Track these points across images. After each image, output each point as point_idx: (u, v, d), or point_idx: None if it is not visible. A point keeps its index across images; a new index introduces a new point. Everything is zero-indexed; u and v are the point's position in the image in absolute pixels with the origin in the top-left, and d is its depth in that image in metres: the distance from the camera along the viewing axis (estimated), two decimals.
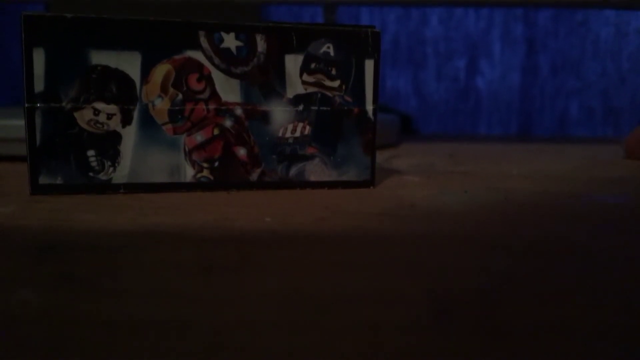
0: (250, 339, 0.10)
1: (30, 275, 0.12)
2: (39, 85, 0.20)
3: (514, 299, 0.11)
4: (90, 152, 0.20)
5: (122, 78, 0.20)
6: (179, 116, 0.21)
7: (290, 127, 0.22)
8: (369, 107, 0.22)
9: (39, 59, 0.19)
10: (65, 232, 0.16)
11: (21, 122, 0.27)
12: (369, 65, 0.22)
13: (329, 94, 0.22)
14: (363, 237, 0.16)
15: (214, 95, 0.21)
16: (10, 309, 0.11)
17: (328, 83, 0.22)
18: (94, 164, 0.20)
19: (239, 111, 0.21)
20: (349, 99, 0.22)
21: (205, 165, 0.21)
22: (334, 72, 0.22)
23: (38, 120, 0.20)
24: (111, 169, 0.20)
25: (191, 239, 0.15)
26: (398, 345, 0.09)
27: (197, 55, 0.21)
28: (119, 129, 0.20)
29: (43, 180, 0.20)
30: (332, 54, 0.22)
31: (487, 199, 0.21)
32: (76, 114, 0.20)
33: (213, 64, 0.21)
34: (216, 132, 0.21)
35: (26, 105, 0.20)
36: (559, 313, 0.11)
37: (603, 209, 0.20)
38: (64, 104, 0.20)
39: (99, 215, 0.18)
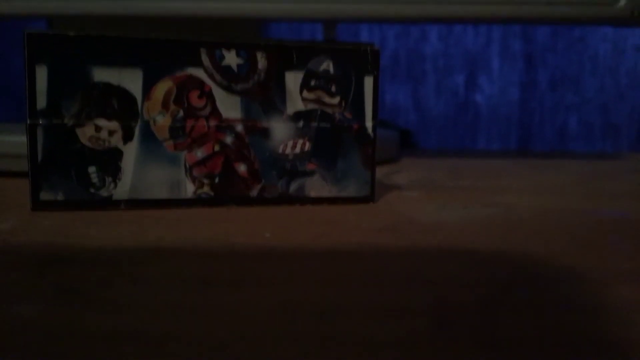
0: (249, 352, 0.10)
1: (31, 289, 0.12)
2: (41, 102, 0.20)
3: (512, 312, 0.11)
4: (92, 169, 0.20)
5: (124, 95, 0.20)
6: (180, 132, 0.21)
7: (290, 143, 0.22)
8: (369, 124, 0.23)
9: (41, 76, 0.20)
10: (66, 247, 0.16)
11: (22, 138, 0.27)
12: (369, 82, 0.22)
13: (328, 110, 0.22)
14: (362, 252, 0.16)
15: (215, 111, 0.21)
16: (11, 322, 0.11)
17: (328, 100, 0.22)
18: (95, 180, 0.20)
19: (239, 127, 0.21)
20: (348, 115, 0.22)
21: (205, 181, 0.21)
22: (333, 89, 0.22)
23: (40, 137, 0.20)
24: (112, 185, 0.21)
25: (191, 254, 0.15)
26: (397, 357, 0.09)
27: (199, 73, 0.21)
28: (120, 145, 0.21)
29: (44, 196, 0.20)
30: (331, 71, 0.22)
31: (487, 214, 0.21)
32: (78, 131, 0.20)
33: (214, 80, 0.21)
34: (217, 148, 0.21)
35: (28, 121, 0.20)
36: (556, 325, 0.11)
37: (601, 223, 0.20)
38: (65, 120, 0.20)
39: (99, 230, 0.18)
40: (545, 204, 0.24)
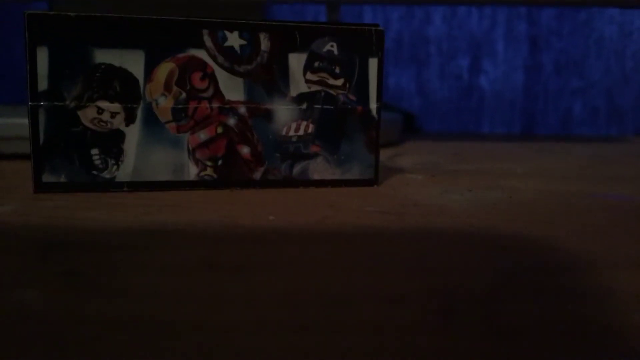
0: (254, 337, 0.10)
1: (33, 273, 0.12)
2: (42, 84, 0.20)
3: (518, 298, 0.11)
4: (94, 151, 0.20)
5: (126, 77, 0.20)
6: (183, 114, 0.21)
7: (293, 125, 0.22)
8: (373, 106, 0.22)
9: (42, 57, 0.19)
10: (69, 230, 0.16)
11: (24, 121, 0.27)
12: (373, 63, 0.22)
13: (332, 92, 0.22)
14: (366, 236, 0.16)
15: (218, 93, 0.21)
16: (13, 307, 0.11)
17: (332, 82, 0.22)
18: (97, 162, 0.20)
19: (242, 110, 0.21)
20: (352, 97, 0.22)
21: (208, 163, 0.21)
22: (337, 70, 0.22)
23: (42, 119, 0.20)
24: (115, 167, 0.20)
25: (195, 237, 0.15)
26: (402, 345, 0.09)
27: (201, 54, 0.21)
28: (122, 127, 0.20)
29: (47, 178, 0.20)
30: (335, 52, 0.22)
31: (491, 198, 0.21)
32: (80, 113, 0.20)
33: (217, 62, 0.21)
34: (220, 130, 0.21)
35: (30, 103, 0.20)
36: (563, 312, 0.11)
37: (608, 207, 0.20)
38: (67, 102, 0.20)
39: (102, 213, 0.18)
40: (550, 187, 0.24)
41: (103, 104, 0.20)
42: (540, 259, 0.14)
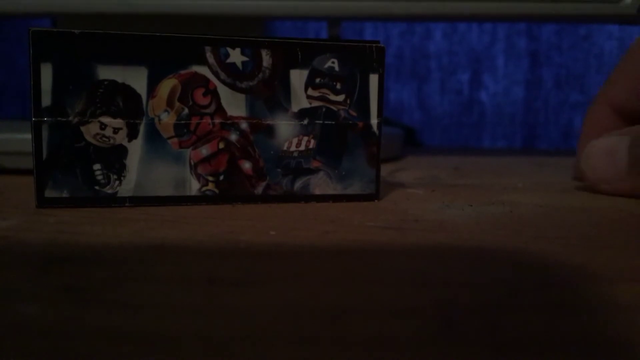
0: (256, 352, 0.10)
1: (35, 288, 0.12)
2: (46, 100, 0.20)
3: (519, 313, 0.11)
4: (97, 166, 0.20)
5: (129, 93, 0.20)
6: (185, 130, 0.21)
7: (295, 140, 0.22)
8: (374, 121, 0.22)
9: (46, 73, 0.20)
10: (71, 245, 0.16)
11: (26, 136, 0.27)
12: (374, 79, 0.22)
13: (333, 108, 0.22)
14: (368, 251, 0.16)
15: (220, 109, 0.21)
16: (14, 321, 0.11)
17: (333, 97, 0.22)
18: (99, 177, 0.20)
19: (244, 125, 0.21)
20: (353, 113, 0.22)
21: (210, 178, 0.21)
22: (338, 86, 0.22)
23: (45, 134, 0.20)
24: (117, 182, 0.21)
25: (196, 252, 0.15)
26: (405, 358, 0.09)
27: (203, 70, 0.21)
28: (125, 142, 0.21)
29: (49, 193, 0.20)
30: (336, 68, 0.22)
31: (492, 213, 0.21)
32: (83, 128, 0.20)
33: (219, 78, 0.21)
34: (221, 145, 0.21)
35: (33, 119, 0.20)
36: (563, 327, 0.11)
37: (611, 222, 0.20)
38: (70, 118, 0.20)
39: (104, 228, 0.18)
40: (552, 202, 0.24)
41: (106, 120, 0.20)
42: (542, 273, 0.14)
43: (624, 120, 0.28)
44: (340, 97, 0.22)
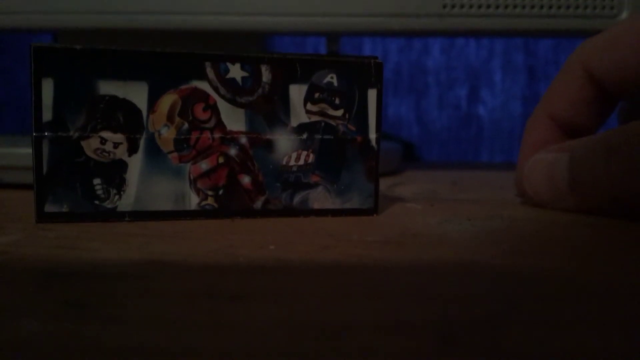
0: None
1: (34, 303, 0.12)
2: (47, 115, 0.20)
3: (518, 328, 0.11)
4: (97, 181, 0.20)
5: (129, 108, 0.21)
6: (185, 145, 0.21)
7: (294, 155, 0.22)
8: (372, 136, 0.23)
9: (47, 89, 0.20)
10: (70, 260, 0.16)
11: (26, 151, 0.27)
12: (372, 94, 0.23)
13: (332, 122, 0.22)
14: (367, 266, 0.16)
15: (219, 124, 0.21)
16: (13, 336, 0.11)
17: (331, 112, 0.22)
18: (99, 192, 0.21)
19: (243, 140, 0.21)
20: (352, 127, 0.22)
21: (209, 193, 0.21)
22: (337, 101, 0.22)
23: (45, 149, 0.20)
24: (117, 197, 0.21)
25: (195, 267, 0.15)
26: None
27: (203, 86, 0.21)
28: (125, 157, 0.21)
29: (49, 208, 0.20)
30: (335, 83, 0.22)
31: (491, 227, 0.21)
32: (83, 143, 0.20)
33: (219, 93, 0.21)
34: (221, 160, 0.21)
35: (34, 134, 0.20)
36: (564, 342, 0.11)
37: (610, 238, 0.20)
38: (71, 132, 0.20)
39: (103, 243, 0.18)
40: (550, 217, 0.24)
41: (106, 135, 0.20)
42: (540, 288, 0.14)
43: (564, 133, 0.27)
44: (339, 112, 0.22)
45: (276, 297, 0.13)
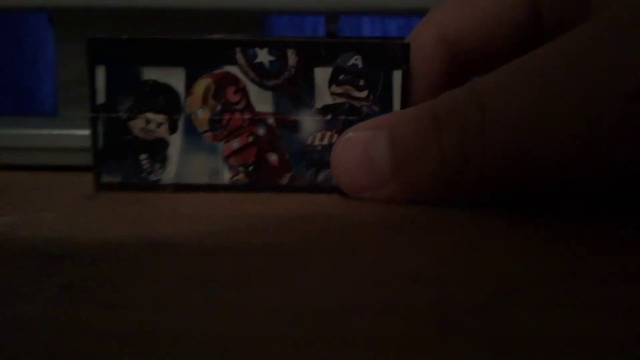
0: (254, 351, 0.10)
1: (31, 285, 0.13)
2: (100, 98, 0.23)
3: (518, 311, 0.12)
4: (143, 156, 0.23)
5: (169, 91, 0.23)
6: (218, 125, 0.23)
7: (318, 135, 0.23)
8: None
9: (100, 75, 0.23)
10: (69, 243, 0.16)
11: (24, 131, 0.29)
12: (397, 75, 0.23)
13: (356, 104, 0.23)
14: (366, 248, 0.16)
15: (249, 106, 0.23)
16: (10, 319, 0.11)
17: (356, 94, 0.23)
18: (146, 166, 0.23)
19: (271, 120, 0.23)
20: (376, 108, 0.23)
21: (240, 169, 0.23)
22: (361, 83, 0.23)
23: (100, 128, 0.23)
24: (160, 170, 0.23)
25: (195, 249, 0.16)
26: (403, 357, 0.10)
27: (234, 70, 0.23)
28: (166, 136, 0.23)
29: (105, 179, 0.23)
30: (360, 65, 0.23)
31: (492, 211, 0.21)
32: (131, 123, 0.23)
33: (248, 77, 0.23)
34: (250, 139, 0.23)
35: (90, 114, 0.23)
36: (564, 325, 0.11)
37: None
38: (121, 114, 0.23)
39: (103, 226, 0.18)
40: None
41: (150, 115, 0.23)
42: (540, 270, 0.14)
43: (450, 59, 0.23)
44: (363, 94, 0.23)
45: (274, 280, 0.13)
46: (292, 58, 0.23)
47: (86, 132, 0.23)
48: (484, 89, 0.19)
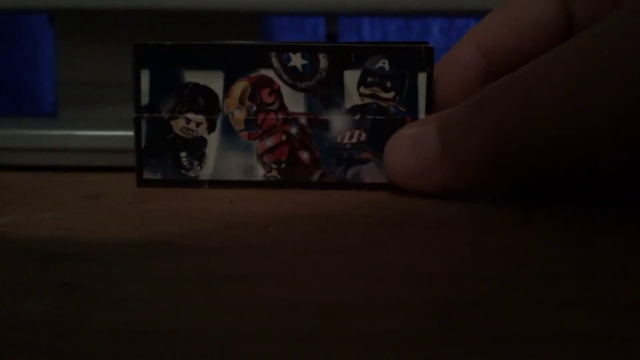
0: (253, 348, 0.10)
1: (31, 284, 0.13)
2: (144, 100, 0.24)
3: (517, 308, 0.12)
4: (183, 154, 0.25)
5: (208, 93, 0.24)
6: (253, 124, 0.24)
7: (347, 134, 0.25)
8: (421, 116, 0.24)
9: (145, 78, 0.24)
10: (68, 242, 0.16)
11: (22, 132, 0.28)
12: (422, 78, 0.24)
13: (383, 104, 0.24)
14: (367, 247, 0.17)
15: (282, 106, 0.24)
16: (10, 318, 0.11)
17: (383, 95, 0.24)
18: (185, 163, 0.25)
19: (303, 120, 0.24)
20: (402, 108, 0.24)
21: (274, 166, 0.25)
22: (388, 84, 0.24)
23: (143, 128, 0.24)
24: (198, 167, 0.25)
25: (195, 248, 0.16)
26: (402, 353, 0.10)
27: (269, 73, 0.24)
28: (205, 135, 0.25)
29: (146, 175, 0.25)
30: (387, 68, 0.24)
31: (495, 209, 0.22)
32: (172, 123, 0.25)
33: (282, 80, 0.24)
34: (283, 138, 0.25)
35: (134, 115, 0.24)
36: (560, 320, 0.11)
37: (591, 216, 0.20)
38: (163, 114, 0.24)
39: (102, 225, 0.18)
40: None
41: (190, 116, 0.24)
42: (538, 267, 0.15)
43: (487, 67, 0.24)
44: (390, 95, 0.24)
45: (274, 278, 0.13)
46: (323, 62, 0.24)
47: (86, 132, 0.24)
48: (524, 73, 0.19)
